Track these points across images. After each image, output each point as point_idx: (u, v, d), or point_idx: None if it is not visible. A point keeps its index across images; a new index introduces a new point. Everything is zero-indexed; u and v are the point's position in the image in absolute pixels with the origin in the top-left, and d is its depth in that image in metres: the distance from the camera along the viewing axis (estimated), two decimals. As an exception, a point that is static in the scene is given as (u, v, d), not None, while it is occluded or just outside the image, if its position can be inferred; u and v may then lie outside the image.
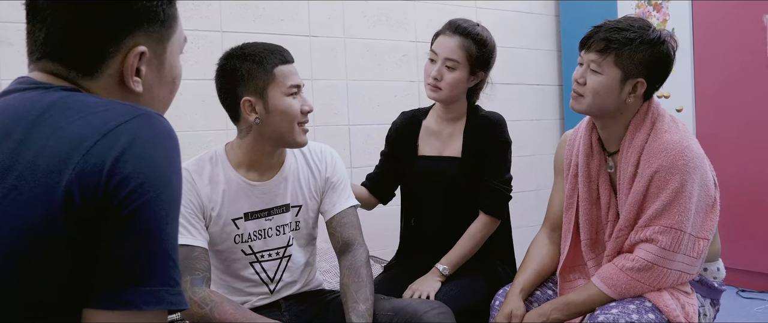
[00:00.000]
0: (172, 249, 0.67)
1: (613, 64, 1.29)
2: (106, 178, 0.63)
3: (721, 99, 2.76)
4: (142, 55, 0.74)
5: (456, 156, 1.63)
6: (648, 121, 1.33)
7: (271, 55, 1.29)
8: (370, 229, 2.78)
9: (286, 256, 1.39)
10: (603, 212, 1.41)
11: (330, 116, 2.81)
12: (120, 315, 0.63)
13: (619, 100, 1.31)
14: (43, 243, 0.62)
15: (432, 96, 1.61)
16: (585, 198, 1.42)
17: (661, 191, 1.26)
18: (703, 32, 2.81)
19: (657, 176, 1.26)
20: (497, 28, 3.31)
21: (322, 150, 1.46)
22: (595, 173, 1.41)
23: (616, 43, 1.27)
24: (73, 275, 0.64)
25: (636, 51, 1.27)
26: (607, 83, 1.29)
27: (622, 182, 1.35)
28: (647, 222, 1.28)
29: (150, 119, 0.69)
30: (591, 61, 1.31)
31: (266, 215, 1.35)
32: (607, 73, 1.29)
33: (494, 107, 1.80)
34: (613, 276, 1.29)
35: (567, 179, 1.48)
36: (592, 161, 1.41)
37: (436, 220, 1.66)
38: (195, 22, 2.49)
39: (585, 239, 1.43)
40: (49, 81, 0.73)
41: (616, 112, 1.34)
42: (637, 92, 1.31)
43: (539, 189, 3.38)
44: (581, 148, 1.43)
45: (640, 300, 1.26)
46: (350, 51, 2.85)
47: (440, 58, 1.58)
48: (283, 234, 1.37)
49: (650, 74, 1.30)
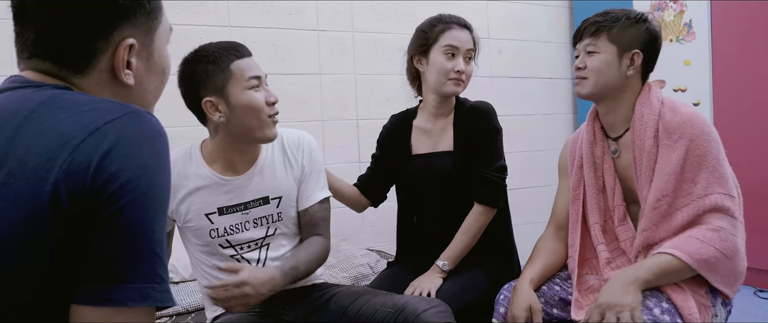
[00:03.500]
0: (158, 247, 0.67)
1: (608, 41, 1.38)
2: (93, 175, 0.63)
3: (739, 92, 2.71)
4: (131, 48, 0.75)
5: (449, 150, 1.62)
6: (653, 98, 1.38)
7: (225, 52, 1.28)
8: (377, 224, 2.78)
9: (265, 245, 1.39)
10: (609, 197, 1.43)
11: (338, 111, 2.80)
12: (106, 312, 0.63)
13: (621, 74, 1.38)
14: (30, 239, 0.62)
15: (456, 91, 1.60)
16: (591, 185, 1.45)
17: (703, 158, 1.28)
18: (722, 25, 2.75)
19: (693, 146, 1.29)
20: (508, 21, 3.28)
21: (300, 138, 1.45)
22: (600, 159, 1.46)
23: (605, 22, 1.38)
24: (61, 272, 0.64)
25: (625, 27, 1.37)
26: (606, 59, 1.37)
27: (638, 156, 1.36)
28: (704, 191, 1.28)
29: (138, 117, 0.69)
30: (586, 46, 1.40)
31: (242, 209, 1.36)
32: (604, 51, 1.38)
33: (504, 101, 1.78)
34: (692, 244, 1.25)
35: (572, 173, 1.50)
36: (596, 148, 1.46)
37: (436, 216, 1.65)
38: (203, 17, 2.50)
39: (595, 225, 1.44)
40: (41, 80, 0.73)
41: (619, 89, 1.39)
42: (635, 63, 1.38)
43: (551, 185, 3.32)
44: (585, 137, 1.48)
45: (657, 298, 1.24)
46: (358, 45, 2.84)
47: (462, 52, 1.58)
48: (261, 226, 1.38)
49: (644, 47, 1.38)
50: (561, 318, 1.41)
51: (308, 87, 2.74)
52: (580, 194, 1.48)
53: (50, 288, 0.64)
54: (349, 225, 2.67)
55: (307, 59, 2.73)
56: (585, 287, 1.42)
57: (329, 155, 2.79)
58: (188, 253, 1.44)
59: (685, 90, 2.90)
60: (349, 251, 2.23)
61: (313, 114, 2.76)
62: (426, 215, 1.68)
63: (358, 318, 1.31)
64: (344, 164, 2.70)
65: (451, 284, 1.52)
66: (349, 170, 1.83)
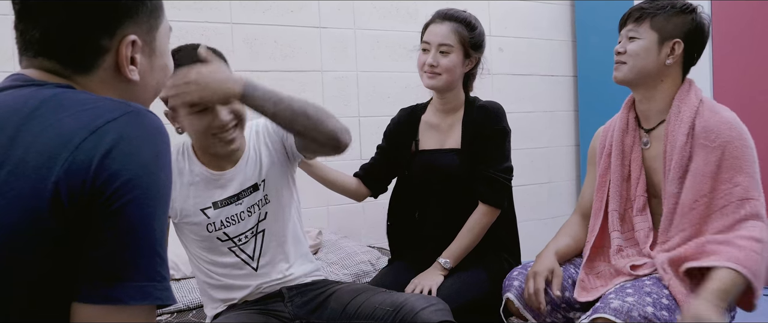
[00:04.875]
0: (159, 245, 0.67)
1: (650, 28, 1.36)
2: (94, 175, 0.63)
3: (740, 92, 2.71)
4: (134, 44, 0.76)
5: (456, 148, 1.62)
6: (693, 95, 1.36)
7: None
8: (378, 221, 2.79)
9: (260, 231, 1.40)
10: (632, 187, 1.44)
11: (340, 108, 2.80)
12: (106, 310, 0.64)
13: (659, 61, 1.36)
14: (31, 237, 0.63)
15: (430, 84, 1.61)
16: (617, 173, 1.46)
17: (742, 161, 1.28)
18: (722, 24, 2.75)
19: (732, 148, 1.28)
20: (510, 17, 3.27)
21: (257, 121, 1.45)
22: (629, 148, 1.46)
23: (650, 9, 1.37)
24: (61, 270, 0.65)
25: (670, 15, 1.36)
26: (645, 45, 1.36)
27: (669, 151, 1.36)
28: (745, 194, 1.27)
29: (139, 116, 0.70)
30: (628, 31, 1.39)
31: (236, 200, 1.37)
32: (644, 37, 1.37)
33: (505, 99, 1.78)
34: (742, 256, 1.20)
35: (600, 161, 1.51)
36: (627, 137, 1.46)
37: (439, 213, 1.65)
38: (205, 14, 2.50)
39: (613, 212, 1.46)
40: (44, 78, 0.74)
41: (657, 78, 1.38)
42: (675, 52, 1.36)
43: (552, 182, 3.34)
44: (617, 125, 1.48)
45: (657, 293, 1.24)
46: (360, 42, 2.84)
47: (434, 46, 1.59)
48: (253, 214, 1.39)
49: (687, 37, 1.36)
50: (573, 301, 1.42)
51: (310, 84, 2.74)
52: (607, 181, 1.49)
53: (50, 285, 0.65)
54: (350, 222, 2.68)
55: (308, 56, 2.73)
56: (595, 271, 1.44)
57: (331, 151, 2.80)
58: (186, 250, 1.45)
59: (687, 88, 2.90)
60: (350, 248, 2.23)
61: (314, 111, 2.76)
62: (429, 211, 1.68)
63: (357, 316, 1.32)
64: (345, 161, 2.69)
65: (453, 282, 1.53)
66: (350, 166, 1.83)
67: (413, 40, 3.06)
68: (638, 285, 1.28)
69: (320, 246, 2.31)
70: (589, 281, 1.42)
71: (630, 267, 1.37)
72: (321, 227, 2.47)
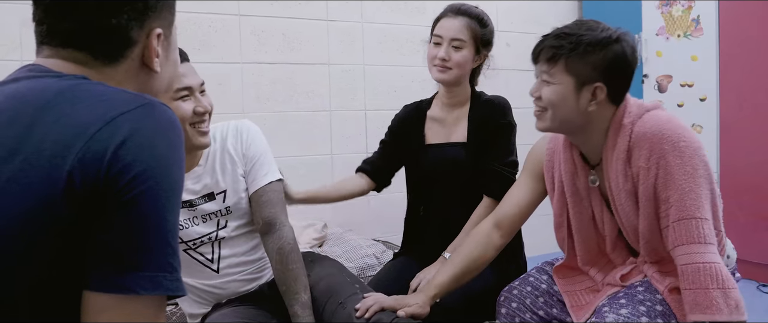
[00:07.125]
0: (171, 237, 0.68)
1: (565, 71, 1.19)
2: (108, 165, 0.64)
3: (745, 88, 2.70)
4: (159, 37, 0.80)
5: (462, 141, 1.63)
6: (626, 121, 1.21)
7: None
8: (383, 215, 2.80)
9: (218, 239, 1.39)
10: (599, 226, 1.34)
11: (346, 101, 2.81)
12: (117, 299, 0.65)
13: (579, 109, 1.20)
14: (44, 225, 0.64)
15: (440, 77, 1.61)
16: (577, 217, 1.34)
17: (672, 175, 1.14)
18: (729, 21, 2.74)
19: (664, 163, 1.15)
20: (516, 13, 3.27)
21: (238, 127, 1.42)
22: (585, 191, 1.32)
23: (563, 49, 1.19)
24: (73, 258, 0.65)
25: (586, 54, 1.17)
26: (561, 92, 1.20)
27: (615, 195, 1.24)
28: (678, 215, 1.14)
29: (153, 109, 0.71)
30: (542, 73, 1.23)
31: (188, 206, 1.35)
32: (559, 82, 1.20)
33: (512, 94, 1.78)
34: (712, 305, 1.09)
35: (554, 197, 1.38)
36: (578, 180, 1.32)
37: (445, 207, 1.66)
38: (212, 5, 2.51)
39: (582, 257, 1.36)
40: (62, 69, 0.75)
41: (584, 124, 1.23)
42: (597, 98, 1.20)
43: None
44: (563, 167, 1.34)
45: (651, 302, 1.20)
46: (367, 36, 2.84)
47: (446, 40, 1.59)
48: (209, 221, 1.37)
49: (608, 78, 1.19)
50: (560, 318, 1.39)
51: (317, 77, 2.75)
52: (564, 222, 1.37)
53: (62, 273, 0.66)
54: (355, 216, 2.69)
55: (316, 49, 2.74)
56: (582, 287, 1.38)
57: (337, 144, 2.81)
58: None
59: (692, 85, 2.90)
60: (355, 241, 2.24)
61: (321, 104, 2.77)
62: (435, 206, 1.69)
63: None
64: (351, 154, 2.71)
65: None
66: (357, 160, 1.84)
67: (420, 34, 3.07)
68: (631, 293, 1.23)
69: (325, 239, 2.32)
70: (580, 297, 1.36)
71: (619, 277, 1.31)
72: (326, 221, 2.48)
